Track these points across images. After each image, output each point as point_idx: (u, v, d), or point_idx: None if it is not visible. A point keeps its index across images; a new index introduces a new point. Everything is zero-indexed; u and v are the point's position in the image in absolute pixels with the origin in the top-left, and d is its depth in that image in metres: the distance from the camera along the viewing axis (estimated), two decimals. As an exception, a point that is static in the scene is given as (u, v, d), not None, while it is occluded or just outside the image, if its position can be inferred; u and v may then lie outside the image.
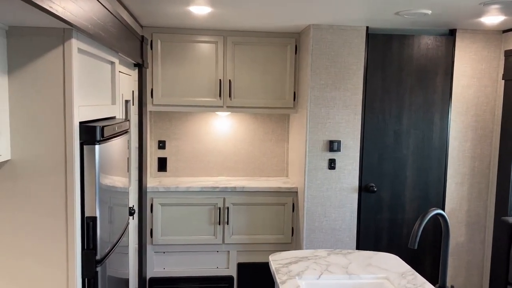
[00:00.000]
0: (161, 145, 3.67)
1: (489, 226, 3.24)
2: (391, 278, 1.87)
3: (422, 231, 3.20)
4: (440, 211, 1.50)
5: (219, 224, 3.33)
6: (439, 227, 3.27)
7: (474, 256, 3.29)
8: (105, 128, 1.68)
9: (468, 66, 3.17)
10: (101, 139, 1.65)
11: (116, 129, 1.89)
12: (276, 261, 2.03)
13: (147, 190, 3.25)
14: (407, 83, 3.17)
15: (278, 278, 1.83)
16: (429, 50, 3.16)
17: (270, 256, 2.08)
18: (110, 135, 1.80)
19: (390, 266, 2.01)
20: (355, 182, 3.13)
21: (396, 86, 3.17)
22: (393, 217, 3.22)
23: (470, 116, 3.21)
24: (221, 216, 3.33)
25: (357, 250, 2.21)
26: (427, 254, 3.28)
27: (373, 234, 3.22)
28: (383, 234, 3.23)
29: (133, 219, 2.92)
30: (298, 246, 3.27)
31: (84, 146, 1.60)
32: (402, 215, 3.23)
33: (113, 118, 2.13)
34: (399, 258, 2.13)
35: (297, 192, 3.34)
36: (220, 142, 3.72)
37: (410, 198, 3.23)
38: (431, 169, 3.22)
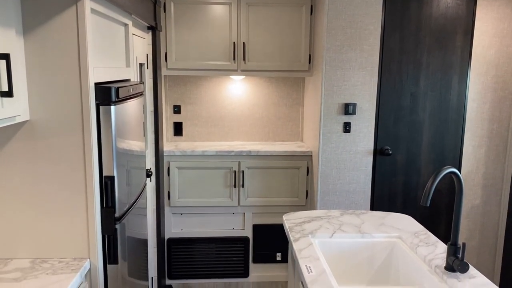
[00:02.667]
0: (176, 109, 3.70)
1: (505, 189, 3.21)
2: (404, 237, 1.89)
3: (437, 193, 3.21)
4: (453, 169, 1.49)
5: (235, 187, 3.39)
6: (453, 190, 3.26)
7: (489, 218, 3.29)
8: (120, 89, 1.70)
9: (489, 25, 3.06)
10: (117, 100, 1.68)
11: (131, 91, 1.91)
12: (290, 220, 2.06)
13: (164, 154, 3.31)
14: (425, 44, 3.09)
15: (292, 236, 1.87)
16: (449, 9, 3.06)
17: (284, 216, 2.12)
18: (125, 97, 1.82)
19: (403, 226, 2.03)
20: (370, 145, 3.12)
21: (413, 47, 3.09)
22: (407, 180, 3.22)
23: (490, 77, 3.13)
24: (237, 180, 3.38)
25: (370, 211, 2.23)
26: (441, 217, 3.29)
27: (387, 197, 3.23)
28: (397, 197, 3.24)
29: (150, 181, 2.99)
30: (312, 209, 3.31)
31: (100, 107, 1.62)
32: (417, 178, 3.23)
33: (127, 80, 2.14)
34: (412, 219, 2.15)
35: (311, 156, 3.35)
36: (235, 106, 3.73)
37: (425, 161, 3.21)
38: (448, 132, 3.19)
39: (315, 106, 3.24)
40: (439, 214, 3.29)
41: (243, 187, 3.38)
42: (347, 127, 3.07)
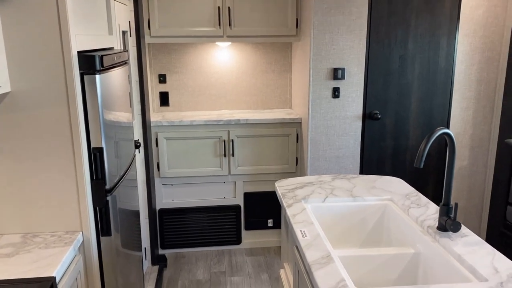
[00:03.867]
0: (162, 79, 3.62)
1: (492, 150, 3.26)
2: (395, 199, 1.91)
3: (426, 158, 3.24)
4: (446, 130, 1.49)
5: (225, 156, 3.37)
6: (442, 152, 3.29)
7: (476, 179, 3.34)
8: (104, 57, 1.63)
9: (478, -15, 3.02)
10: (101, 68, 1.62)
11: (116, 59, 1.84)
12: (282, 187, 2.06)
13: (151, 125, 3.25)
14: (413, 5, 3.04)
15: (285, 202, 1.87)
16: (438, -32, 3.00)
17: (276, 183, 2.12)
18: (110, 65, 1.76)
19: (394, 188, 2.05)
20: (359, 110, 3.11)
21: (402, 8, 3.04)
22: (396, 144, 3.24)
23: (478, 38, 3.11)
24: (226, 149, 3.36)
25: (361, 175, 2.24)
26: (429, 179, 3.34)
27: (376, 161, 3.26)
28: (386, 161, 3.27)
29: (139, 152, 2.95)
30: (302, 175, 3.32)
31: (85, 76, 1.56)
32: (405, 142, 3.24)
33: (111, 49, 2.07)
34: (403, 181, 2.16)
35: (301, 122, 3.33)
36: (222, 75, 3.66)
37: (414, 124, 3.23)
38: (436, 94, 3.19)
39: (303, 72, 3.20)
40: (427, 176, 3.33)
41: (233, 156, 3.37)
42: (336, 93, 3.05)
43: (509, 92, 3.03)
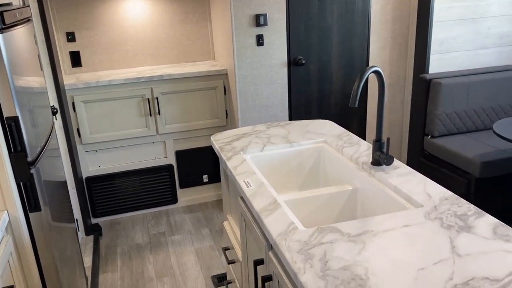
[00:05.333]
0: (70, 37, 3.31)
1: (408, 86, 3.46)
2: (329, 141, 1.96)
3: (347, 96, 3.36)
4: (376, 68, 1.52)
5: (150, 115, 3.23)
6: (362, 94, 3.43)
7: (395, 115, 3.56)
8: (4, 13, 1.42)
9: None
10: (3, 27, 1.41)
11: (18, 15, 1.62)
12: (219, 141, 2.02)
13: (65, 88, 2.99)
14: None
15: (224, 155, 1.84)
16: None
17: (211, 137, 2.07)
18: (12, 23, 1.54)
19: (326, 130, 2.10)
20: (284, 56, 3.10)
21: (318, -51, 3.01)
22: (321, 87, 3.31)
23: (391, -22, 3.19)
24: (151, 107, 3.21)
25: (294, 121, 2.26)
26: (353, 118, 3.49)
27: (303, 106, 3.32)
28: (313, 105, 3.35)
29: (56, 119, 2.72)
30: (233, 128, 3.30)
31: (-16, 37, 1.36)
32: (329, 85, 3.33)
33: (9, 4, 1.81)
34: (333, 123, 2.22)
35: (227, 74, 3.26)
36: (137, 28, 3.43)
37: (336, 67, 3.30)
38: (355, 36, 3.27)
39: (224, 20, 3.09)
40: (350, 117, 3.47)
41: (159, 114, 3.24)
42: (260, 40, 3.00)
43: (421, 30, 3.19)
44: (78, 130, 3.11)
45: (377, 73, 1.55)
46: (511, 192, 2.85)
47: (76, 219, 2.92)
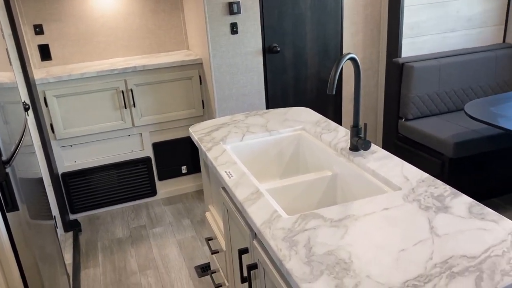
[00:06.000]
0: (38, 30, 3.21)
1: (381, 70, 3.51)
2: (307, 128, 1.98)
3: (323, 82, 3.39)
4: (352, 55, 1.54)
5: (125, 108, 3.18)
6: (338, 80, 3.47)
7: (370, 99, 3.61)
8: (-31, 8, 1.37)
9: None
10: (-32, 22, 1.35)
11: (-17, 9, 1.56)
12: (197, 132, 2.02)
13: (36, 83, 2.91)
14: None
15: (203, 146, 1.84)
16: None
17: (190, 128, 2.06)
18: (-22, 18, 1.49)
19: (304, 118, 2.12)
20: (258, 44, 3.09)
21: None
22: (297, 74, 3.33)
23: (362, -37, 3.21)
24: (126, 99, 3.16)
25: (272, 109, 2.27)
26: (328, 105, 3.53)
27: (280, 94, 3.33)
28: (289, 93, 3.36)
29: (28, 115, 2.65)
30: (211, 117, 3.29)
31: (-51, 33, 1.30)
32: (305, 71, 3.34)
33: (-27, -3, 1.74)
34: (311, 110, 2.24)
35: (202, 63, 3.24)
36: (108, 18, 3.35)
37: (311, 53, 3.32)
38: (328, 22, 3.28)
39: (197, 8, 3.05)
40: (326, 102, 3.51)
41: (134, 106, 3.19)
42: (234, 28, 2.98)
43: (392, 14, 3.23)
44: (51, 125, 3.04)
45: (353, 60, 1.57)
46: (483, 170, 2.95)
47: (54, 216, 2.87)
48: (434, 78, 3.17)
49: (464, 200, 1.28)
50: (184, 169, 3.49)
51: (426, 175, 1.46)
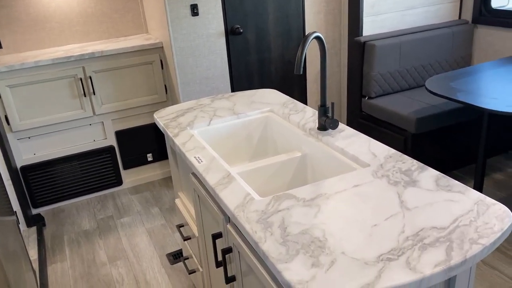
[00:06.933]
0: (-15, 16, 3.02)
1: (343, 49, 3.54)
2: (275, 110, 1.98)
3: (288, 64, 3.38)
4: (317, 34, 1.53)
5: (85, 96, 3.06)
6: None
7: (333, 79, 3.64)
8: None
9: None
10: None
11: None
12: (163, 118, 1.97)
13: (-14, 73, 2.75)
14: None
15: (170, 132, 1.80)
16: None
17: (155, 114, 2.01)
18: None
19: (271, 99, 2.11)
20: (220, 26, 3.04)
21: None
22: (260, 56, 3.30)
23: None
24: (85, 87, 3.04)
25: (238, 92, 2.25)
26: (294, 86, 3.53)
27: (245, 76, 3.30)
28: (254, 75, 3.33)
29: (-20, 108, 2.50)
30: (175, 103, 3.22)
31: None
32: (268, 53, 3.32)
33: None
34: (277, 92, 2.24)
35: (162, 47, 3.15)
36: (59, 3, 3.19)
37: (274, 35, 3.29)
38: (290, 2, 3.26)
39: (155, -9, 2.95)
40: (291, 83, 3.51)
41: (94, 94, 3.08)
42: (194, 10, 2.90)
43: (352, -7, 3.25)
44: (6, 117, 2.89)
45: (318, 39, 1.56)
46: (444, 144, 3.06)
47: (15, 212, 2.75)
48: (395, 55, 3.23)
49: (431, 174, 1.31)
50: (149, 156, 3.42)
51: (393, 151, 1.49)
